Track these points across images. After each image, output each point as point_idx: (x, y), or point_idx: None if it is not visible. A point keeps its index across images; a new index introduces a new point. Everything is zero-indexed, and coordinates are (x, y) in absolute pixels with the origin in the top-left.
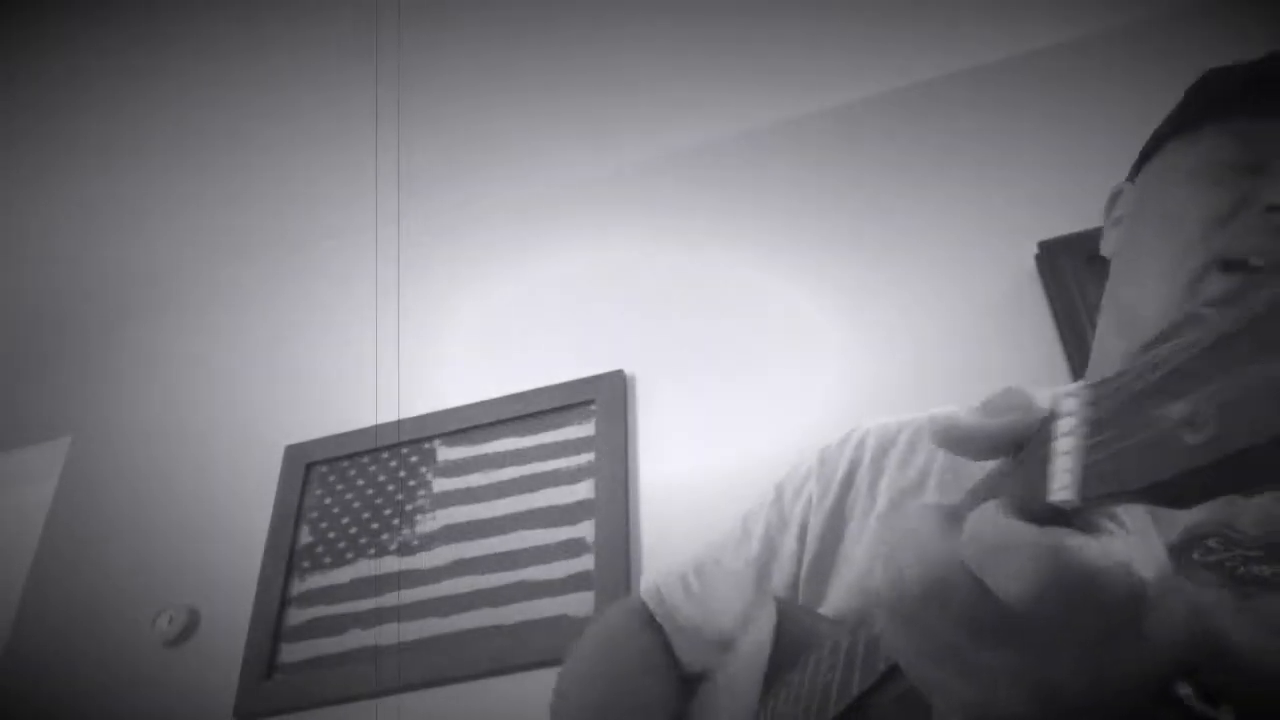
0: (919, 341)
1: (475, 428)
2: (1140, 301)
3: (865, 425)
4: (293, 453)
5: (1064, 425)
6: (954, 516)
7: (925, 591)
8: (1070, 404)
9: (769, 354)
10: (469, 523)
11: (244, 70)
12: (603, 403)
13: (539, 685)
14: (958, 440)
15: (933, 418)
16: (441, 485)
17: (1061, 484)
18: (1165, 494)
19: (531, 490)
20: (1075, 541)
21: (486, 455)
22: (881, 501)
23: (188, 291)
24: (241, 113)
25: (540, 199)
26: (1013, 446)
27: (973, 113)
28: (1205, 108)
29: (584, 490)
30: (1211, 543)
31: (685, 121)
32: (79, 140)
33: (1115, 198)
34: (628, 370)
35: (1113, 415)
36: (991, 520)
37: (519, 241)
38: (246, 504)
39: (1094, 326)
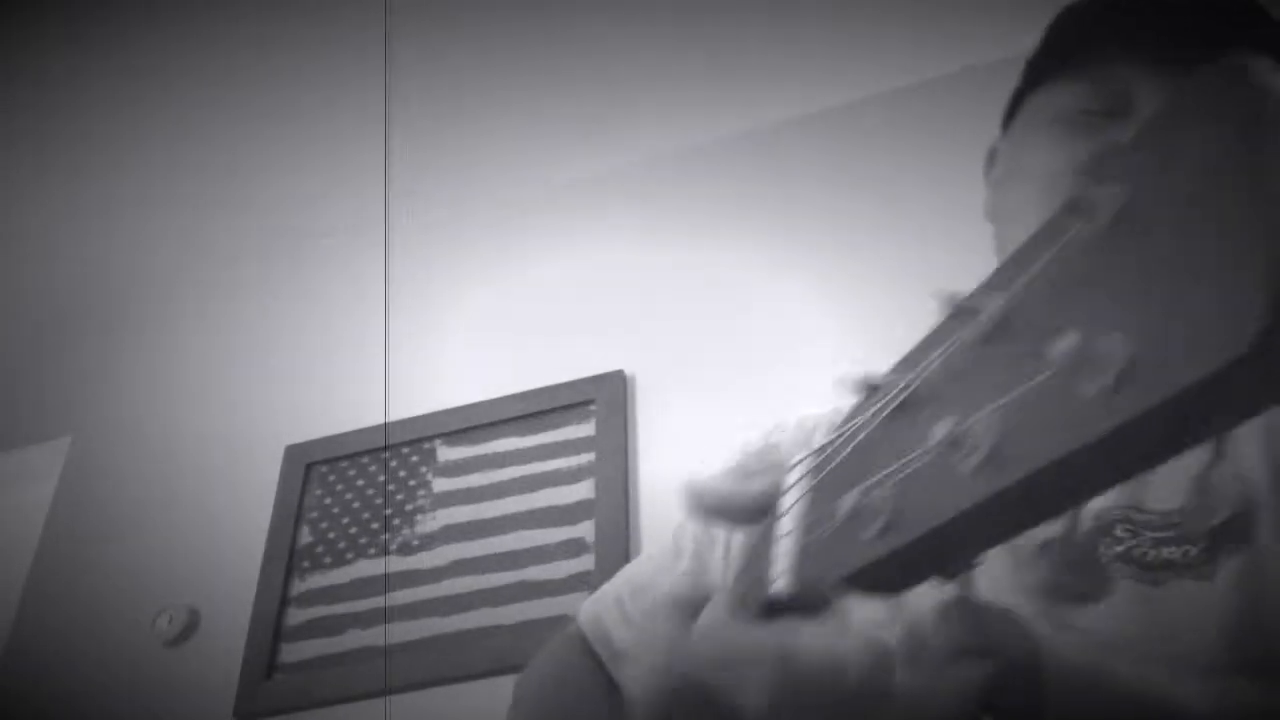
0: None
1: (475, 428)
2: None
3: (783, 422)
4: (293, 453)
5: (785, 501)
6: (696, 613)
7: (662, 712)
8: (794, 475)
9: (769, 354)
10: (469, 523)
11: (244, 70)
12: (603, 403)
13: None
14: (711, 510)
15: (686, 485)
16: (441, 485)
17: (780, 569)
18: (862, 585)
19: (531, 490)
20: (802, 636)
21: (486, 455)
22: None
23: (188, 291)
24: (240, 113)
25: (541, 198)
26: (766, 512)
27: (972, 112)
28: (1062, 54)
29: (584, 490)
30: (1118, 531)
31: (685, 121)
32: (79, 140)
33: (993, 155)
34: (628, 370)
35: (820, 495)
36: (714, 625)
37: (519, 241)
38: (246, 504)
39: None
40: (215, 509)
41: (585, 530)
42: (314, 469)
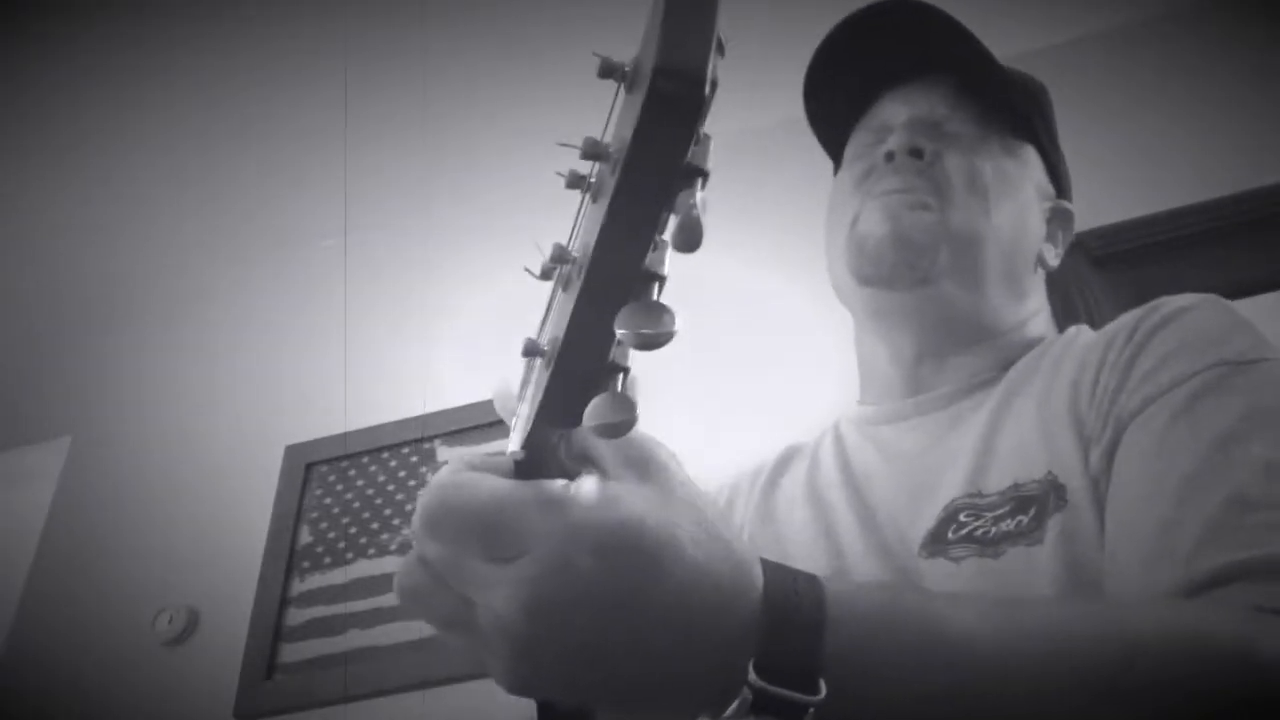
0: None
1: (475, 428)
2: (833, 274)
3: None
4: (293, 453)
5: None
6: None
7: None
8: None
9: (770, 353)
10: None
11: (244, 71)
12: None
13: None
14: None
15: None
16: None
17: (514, 438)
18: (546, 419)
19: None
20: (461, 476)
21: (486, 455)
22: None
23: (188, 292)
24: (239, 113)
25: (540, 198)
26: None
27: None
28: (843, 124)
29: None
30: (962, 516)
31: None
32: (78, 141)
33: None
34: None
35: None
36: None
37: (519, 240)
38: (246, 504)
39: (1094, 326)
40: (215, 509)
41: None
42: (314, 469)
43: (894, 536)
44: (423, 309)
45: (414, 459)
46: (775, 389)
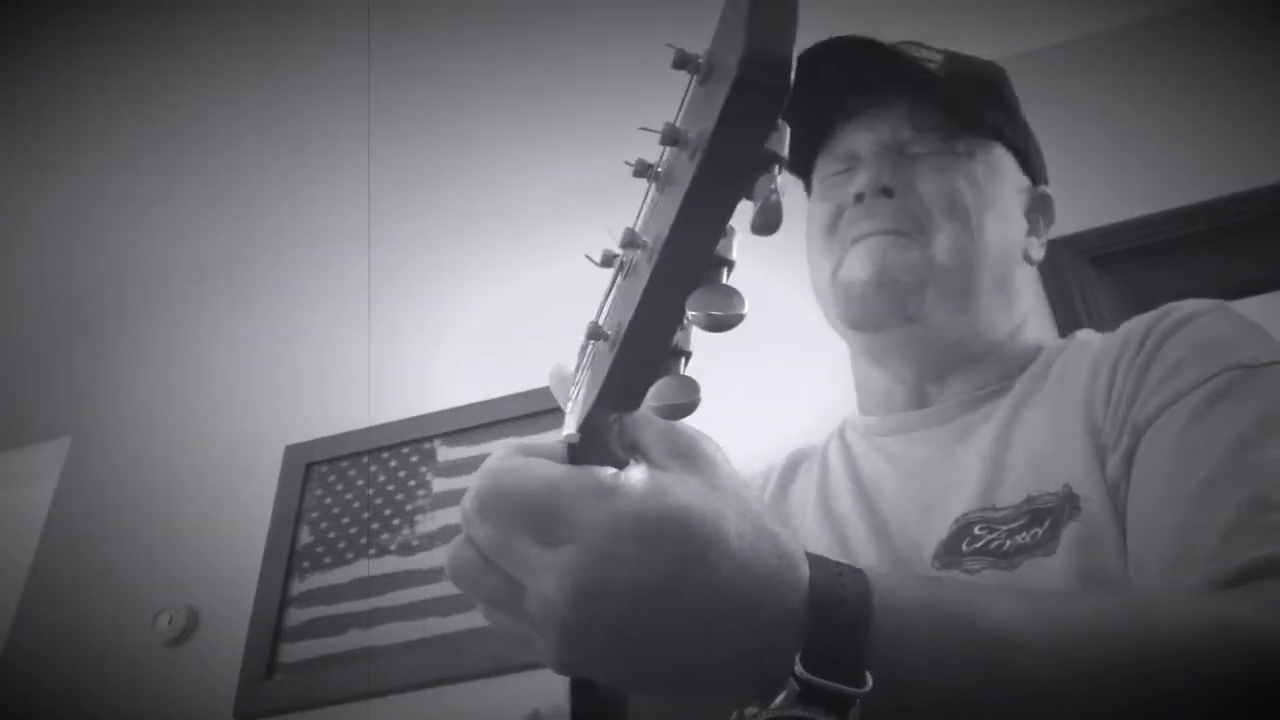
0: None
1: (475, 428)
2: (824, 309)
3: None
4: (293, 453)
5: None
6: None
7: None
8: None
9: (770, 353)
10: None
11: (244, 73)
12: None
13: (538, 685)
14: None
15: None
16: (441, 485)
17: (569, 422)
18: (608, 404)
19: None
20: (514, 461)
21: (486, 455)
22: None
23: (187, 291)
24: (241, 114)
25: (541, 198)
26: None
27: None
28: (807, 150)
29: None
30: (976, 529)
31: None
32: (78, 141)
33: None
34: None
35: (583, 357)
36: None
37: (520, 240)
38: (246, 504)
39: (1093, 326)
40: (215, 509)
41: None
42: (314, 469)
43: (906, 548)
44: (424, 309)
45: (414, 459)
46: (776, 385)
